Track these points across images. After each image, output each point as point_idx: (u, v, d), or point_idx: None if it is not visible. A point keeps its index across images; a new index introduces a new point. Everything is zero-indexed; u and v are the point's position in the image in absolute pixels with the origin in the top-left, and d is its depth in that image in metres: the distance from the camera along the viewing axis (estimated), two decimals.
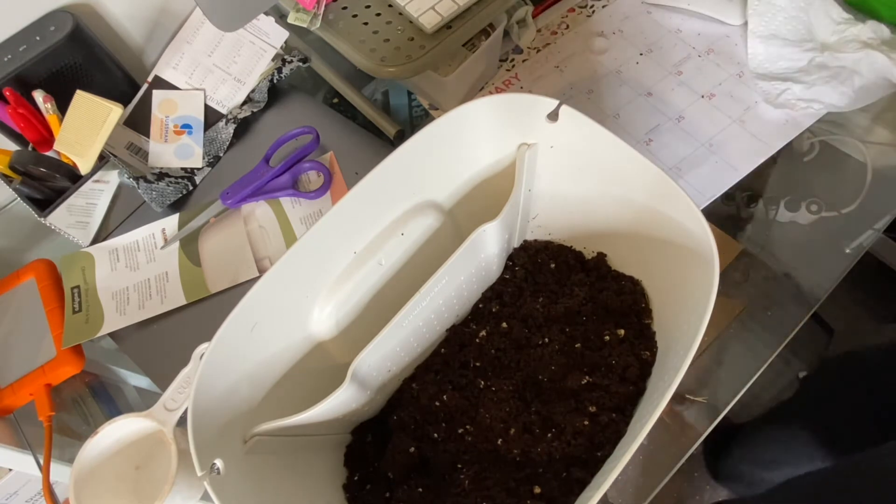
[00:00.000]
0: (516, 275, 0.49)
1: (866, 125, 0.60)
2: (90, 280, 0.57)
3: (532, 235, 0.51)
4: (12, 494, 0.58)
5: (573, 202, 0.47)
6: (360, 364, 0.38)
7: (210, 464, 0.34)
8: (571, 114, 0.41)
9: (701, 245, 0.36)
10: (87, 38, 0.57)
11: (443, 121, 0.42)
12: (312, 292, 0.43)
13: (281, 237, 0.58)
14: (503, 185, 0.45)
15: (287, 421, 0.37)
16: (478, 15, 0.56)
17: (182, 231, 0.58)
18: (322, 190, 0.59)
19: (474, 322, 0.48)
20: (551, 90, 0.64)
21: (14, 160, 0.56)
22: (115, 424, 0.44)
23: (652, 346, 0.43)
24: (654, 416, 0.31)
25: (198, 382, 0.36)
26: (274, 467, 0.40)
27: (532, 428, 0.42)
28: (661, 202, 0.40)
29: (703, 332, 0.33)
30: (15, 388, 0.52)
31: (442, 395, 0.45)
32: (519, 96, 0.42)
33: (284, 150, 0.62)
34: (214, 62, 0.64)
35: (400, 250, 0.46)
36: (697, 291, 0.36)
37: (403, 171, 0.43)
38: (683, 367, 0.32)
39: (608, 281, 0.47)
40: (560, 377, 0.43)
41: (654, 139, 0.60)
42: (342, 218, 0.41)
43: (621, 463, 0.30)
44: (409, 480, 0.42)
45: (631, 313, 0.45)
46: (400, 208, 0.45)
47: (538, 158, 0.45)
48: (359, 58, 0.56)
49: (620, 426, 0.39)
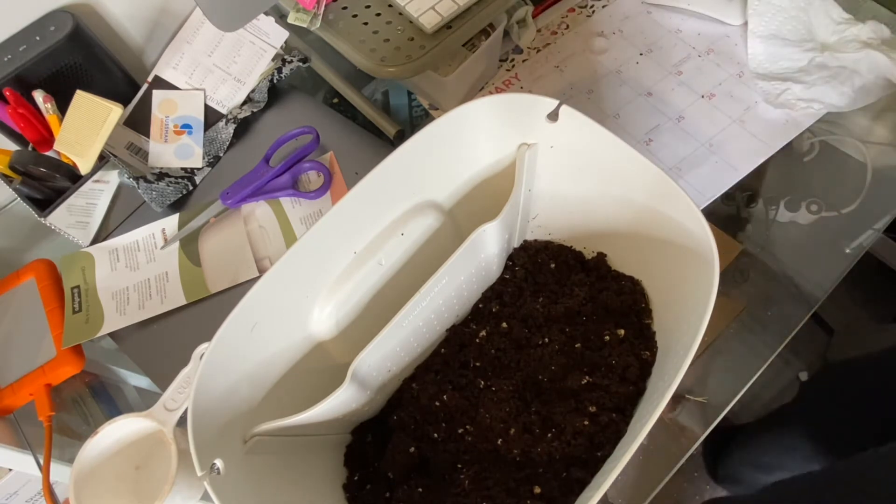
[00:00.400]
0: (516, 275, 0.49)
1: (866, 125, 0.60)
2: (90, 280, 0.57)
3: (532, 235, 0.51)
4: (12, 494, 0.58)
5: (573, 202, 0.47)
6: (360, 364, 0.38)
7: (210, 464, 0.34)
8: (571, 114, 0.41)
9: (701, 245, 0.36)
10: (87, 38, 0.57)
11: (443, 121, 0.42)
12: (312, 292, 0.43)
13: (281, 237, 0.58)
14: (503, 185, 0.45)
15: (287, 421, 0.37)
16: (478, 15, 0.56)
17: (182, 231, 0.58)
18: (322, 190, 0.59)
19: (474, 322, 0.48)
20: (551, 90, 0.64)
21: (14, 160, 0.56)
22: (115, 424, 0.44)
23: (652, 346, 0.43)
24: (654, 416, 0.31)
25: (198, 382, 0.36)
26: (274, 467, 0.40)
27: (532, 428, 0.42)
28: (661, 202, 0.40)
29: (703, 332, 0.33)
30: (15, 388, 0.52)
31: (442, 395, 0.45)
32: (519, 96, 0.42)
33: (284, 150, 0.62)
34: (214, 62, 0.64)
35: (400, 250, 0.46)
36: (697, 291, 0.36)
37: (403, 171, 0.43)
38: (683, 367, 0.32)
39: (608, 281, 0.47)
40: (560, 377, 0.43)
41: (654, 139, 0.60)
42: (342, 218, 0.41)
43: (621, 463, 0.30)
44: (409, 480, 0.42)
45: (631, 313, 0.45)
46: (400, 208, 0.45)
47: (538, 158, 0.45)
48: (359, 58, 0.56)
49: (620, 426, 0.39)
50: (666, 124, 0.60)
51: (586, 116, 0.40)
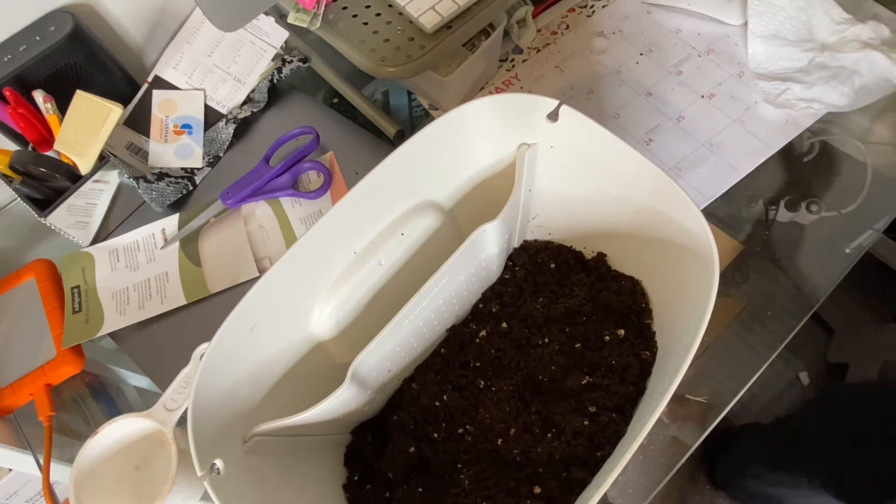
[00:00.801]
0: (516, 275, 0.49)
1: (866, 125, 0.60)
2: (90, 280, 0.57)
3: (532, 235, 0.51)
4: (12, 494, 0.58)
5: (573, 202, 0.47)
6: (360, 364, 0.38)
7: (210, 464, 0.34)
8: (571, 114, 0.41)
9: (701, 245, 0.36)
10: (87, 38, 0.57)
11: (442, 121, 0.42)
12: (312, 292, 0.43)
13: (281, 237, 0.58)
14: (503, 185, 0.45)
15: (287, 421, 0.37)
16: (478, 15, 0.56)
17: (182, 231, 0.58)
18: (322, 190, 0.59)
19: (474, 322, 0.48)
20: (551, 90, 0.64)
21: (14, 160, 0.56)
22: (115, 424, 0.44)
23: (652, 346, 0.43)
24: (654, 416, 0.31)
25: (198, 382, 0.36)
26: (274, 467, 0.40)
27: (532, 428, 0.42)
28: (660, 202, 0.40)
29: (703, 332, 0.33)
30: (15, 388, 0.52)
31: (442, 395, 0.45)
32: (519, 96, 0.42)
33: (284, 150, 0.62)
34: (214, 62, 0.64)
35: (400, 250, 0.46)
36: (697, 291, 0.36)
37: (403, 172, 0.42)
38: (683, 367, 0.32)
39: (608, 281, 0.47)
40: (560, 377, 0.43)
41: (654, 139, 0.60)
42: (342, 218, 0.41)
43: (621, 463, 0.30)
44: (409, 480, 0.42)
45: (631, 313, 0.45)
46: (400, 208, 0.45)
47: (538, 158, 0.45)
48: (359, 58, 0.56)
49: (620, 426, 0.39)
50: (666, 124, 0.60)
51: (586, 116, 0.40)
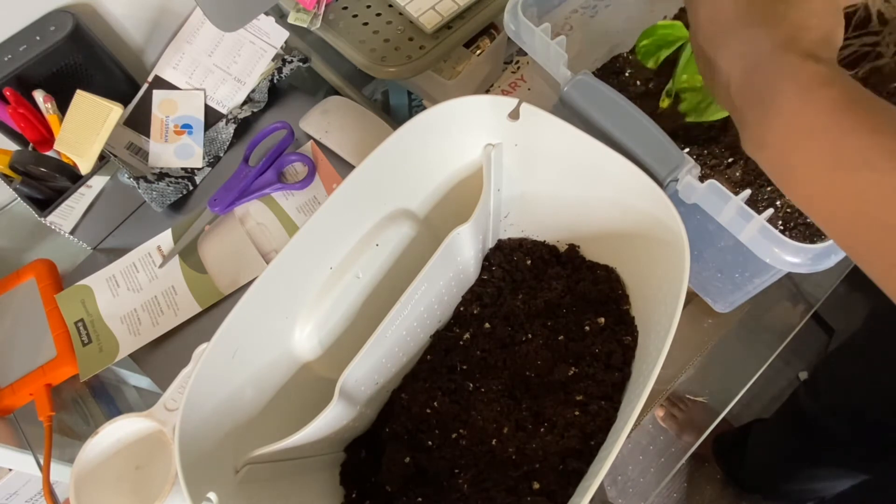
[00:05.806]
0: (494, 275, 0.49)
1: None
2: (93, 311, 0.56)
3: (506, 234, 0.51)
4: (12, 494, 0.59)
5: (543, 198, 0.47)
6: (346, 380, 0.38)
7: (203, 498, 0.33)
8: (533, 111, 0.40)
9: (670, 230, 0.36)
10: (87, 38, 0.57)
11: (404, 130, 0.41)
12: (292, 313, 0.42)
13: (282, 229, 0.58)
14: (475, 187, 0.44)
15: (278, 445, 0.37)
16: (478, 15, 0.56)
17: (179, 244, 0.58)
18: (309, 178, 0.59)
19: (457, 326, 0.48)
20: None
21: (14, 160, 0.56)
22: (115, 424, 0.44)
23: (632, 330, 0.43)
24: (641, 398, 0.31)
25: (182, 415, 0.35)
26: (269, 495, 0.39)
27: (524, 424, 0.42)
28: (628, 191, 0.39)
29: (680, 312, 0.33)
30: (15, 388, 0.52)
31: (432, 402, 0.44)
32: (477, 98, 0.41)
33: (262, 147, 0.62)
34: (214, 62, 0.64)
35: (377, 262, 0.45)
36: (671, 273, 0.36)
37: (372, 183, 0.42)
38: (665, 349, 0.32)
39: (584, 271, 0.47)
40: (547, 371, 0.43)
41: None
42: (315, 236, 0.41)
43: (615, 449, 0.30)
44: (408, 491, 0.42)
45: (609, 301, 0.45)
46: (371, 220, 0.44)
47: (504, 158, 0.45)
48: (359, 58, 0.56)
49: (610, 413, 0.39)
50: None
51: (548, 113, 0.40)
